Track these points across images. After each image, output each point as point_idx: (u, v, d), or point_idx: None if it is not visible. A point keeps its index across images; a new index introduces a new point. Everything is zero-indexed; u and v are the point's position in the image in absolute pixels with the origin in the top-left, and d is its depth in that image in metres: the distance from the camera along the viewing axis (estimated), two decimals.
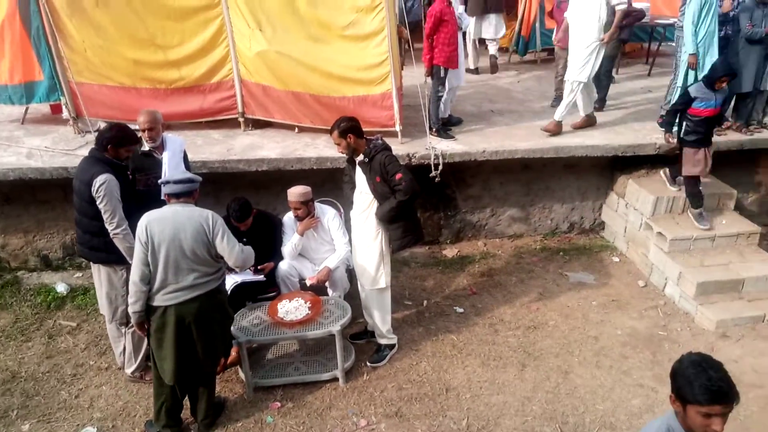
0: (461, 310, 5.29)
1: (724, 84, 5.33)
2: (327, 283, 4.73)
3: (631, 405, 4.25)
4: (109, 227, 3.86)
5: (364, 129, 4.38)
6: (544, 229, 6.63)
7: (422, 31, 6.20)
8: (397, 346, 4.73)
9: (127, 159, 4.07)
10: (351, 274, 4.92)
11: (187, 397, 3.95)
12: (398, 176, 4.05)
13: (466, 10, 7.37)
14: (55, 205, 5.60)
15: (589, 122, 6.42)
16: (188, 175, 3.75)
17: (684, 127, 5.49)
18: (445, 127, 6.27)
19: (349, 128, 4.14)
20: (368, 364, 4.59)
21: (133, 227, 3.70)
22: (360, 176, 4.29)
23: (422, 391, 4.34)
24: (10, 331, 4.97)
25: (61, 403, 4.26)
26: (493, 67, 8.18)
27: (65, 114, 5.97)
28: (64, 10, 5.50)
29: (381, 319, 4.59)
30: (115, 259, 3.99)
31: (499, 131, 6.30)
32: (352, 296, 4.91)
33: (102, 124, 5.68)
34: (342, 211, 5.22)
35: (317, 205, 4.85)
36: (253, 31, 5.60)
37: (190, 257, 3.56)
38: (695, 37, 5.79)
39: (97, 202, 3.83)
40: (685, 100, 5.41)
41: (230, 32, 5.70)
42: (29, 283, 5.57)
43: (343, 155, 4.42)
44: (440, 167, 5.68)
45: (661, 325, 5.13)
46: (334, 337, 4.25)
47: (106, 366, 4.60)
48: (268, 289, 4.78)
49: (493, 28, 8.36)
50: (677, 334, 5.02)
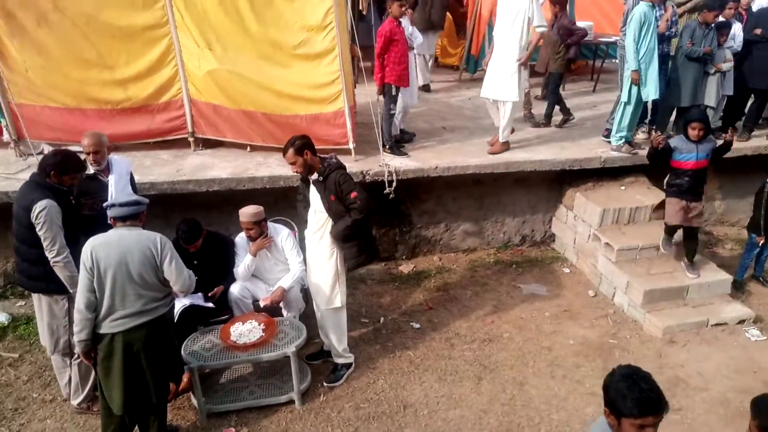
0: (418, 326, 5.31)
1: (697, 131, 5.20)
2: (281, 304, 4.67)
3: (585, 413, 4.33)
4: (49, 255, 3.72)
5: (318, 147, 4.38)
6: (497, 243, 6.74)
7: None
8: (353, 365, 4.70)
9: (71, 186, 3.94)
10: (306, 293, 4.89)
11: (137, 427, 3.83)
12: (353, 195, 4.04)
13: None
14: None
15: (505, 147, 6.34)
16: (134, 197, 3.66)
17: (668, 177, 5.48)
18: (398, 144, 6.33)
19: (304, 145, 4.11)
20: (325, 384, 4.54)
21: (78, 254, 3.58)
22: (314, 195, 4.27)
23: (380, 410, 4.32)
24: None
25: None
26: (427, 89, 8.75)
27: (6, 136, 5.76)
28: (3, 31, 5.33)
29: (337, 339, 4.56)
30: (56, 289, 3.84)
31: (451, 147, 6.41)
32: (308, 316, 4.87)
33: (45, 146, 5.50)
34: (296, 230, 5.19)
35: (270, 224, 4.81)
36: (203, 50, 5.55)
37: (138, 282, 3.47)
38: (636, 54, 6.00)
39: (37, 229, 3.68)
40: (666, 149, 5.29)
41: (178, 51, 5.63)
42: None
43: (297, 174, 4.39)
44: (394, 184, 5.72)
45: (611, 334, 5.26)
46: (289, 359, 4.19)
47: (51, 398, 4.41)
48: (221, 312, 4.69)
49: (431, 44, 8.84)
50: (627, 342, 5.16)
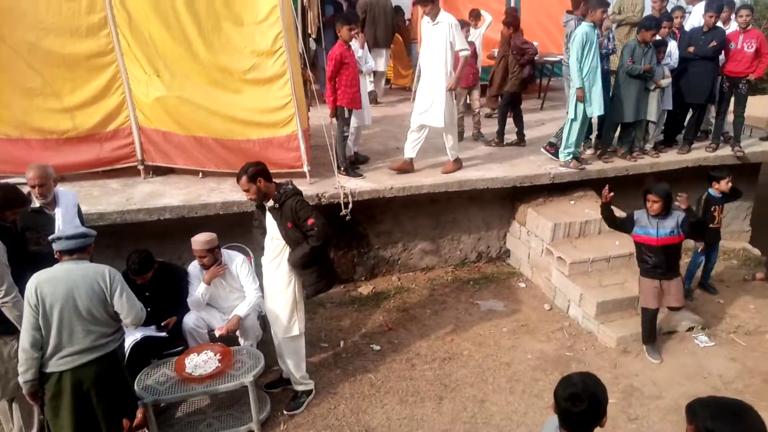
0: (378, 348, 5.29)
1: (651, 204, 4.89)
2: (238, 332, 4.59)
3: None
4: None
5: (272, 171, 4.35)
6: (454, 260, 6.81)
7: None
8: (314, 392, 4.64)
9: (13, 221, 3.80)
10: (263, 320, 4.82)
11: None
12: (310, 221, 4.01)
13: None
14: None
15: (407, 168, 6.32)
16: (81, 229, 3.57)
17: (636, 253, 5.21)
18: (353, 165, 6.36)
19: (257, 172, 4.06)
20: (285, 412, 4.46)
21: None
22: (270, 222, 4.23)
23: None
24: None
25: None
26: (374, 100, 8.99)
27: None
28: None
29: (296, 366, 4.50)
30: (4, 330, 3.69)
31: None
32: (266, 343, 4.80)
33: None
34: (251, 255, 5.13)
35: (224, 251, 4.73)
36: (150, 77, 5.49)
37: (86, 318, 3.37)
38: (580, 73, 6.19)
39: None
40: (627, 218, 5.16)
41: (126, 79, 5.56)
42: None
43: (251, 199, 4.34)
44: (350, 205, 5.73)
45: (567, 346, 5.36)
46: (247, 389, 4.11)
47: None
48: (175, 344, 4.57)
49: (383, 61, 9.14)
50: (583, 354, 5.26)
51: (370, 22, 9.01)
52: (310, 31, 8.98)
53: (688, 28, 7.29)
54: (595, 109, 6.26)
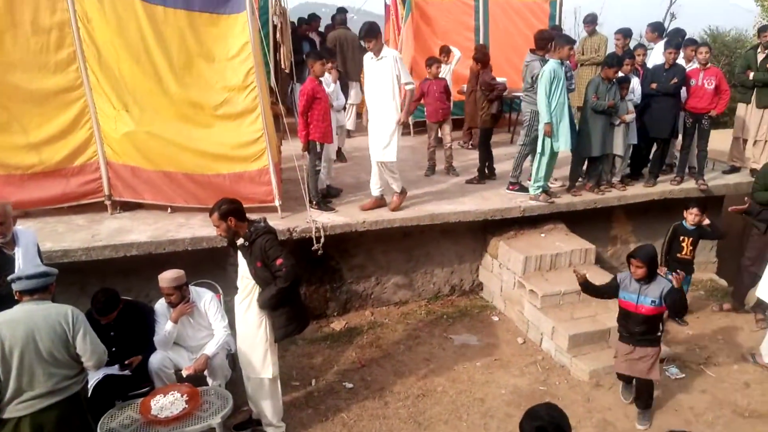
0: (351, 386, 5.20)
1: (634, 269, 4.48)
2: (206, 372, 4.47)
3: None
4: None
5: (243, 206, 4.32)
6: (427, 294, 6.79)
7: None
8: None
9: None
10: (233, 358, 4.72)
11: None
12: (279, 261, 3.93)
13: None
14: None
15: (380, 204, 6.29)
16: (42, 268, 3.48)
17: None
18: (325, 199, 6.35)
19: (229, 211, 4.01)
20: None
21: None
22: (241, 261, 4.17)
23: None
24: None
25: None
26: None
27: None
28: None
29: (269, 409, 4.38)
30: None
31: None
32: (235, 383, 4.69)
33: None
34: (220, 292, 5.05)
35: (192, 288, 4.64)
36: (119, 112, 5.45)
37: (48, 360, 3.27)
38: (549, 108, 6.32)
39: None
40: (611, 284, 4.80)
41: (94, 114, 5.50)
42: None
43: (221, 236, 4.28)
44: (322, 240, 5.70)
45: (541, 380, 5.34)
46: (215, 431, 3.99)
47: None
48: (140, 385, 4.43)
49: (353, 94, 9.26)
50: (556, 388, 5.24)
51: (339, 56, 9.12)
52: (283, 66, 9.03)
53: (650, 65, 7.54)
54: (562, 144, 6.38)
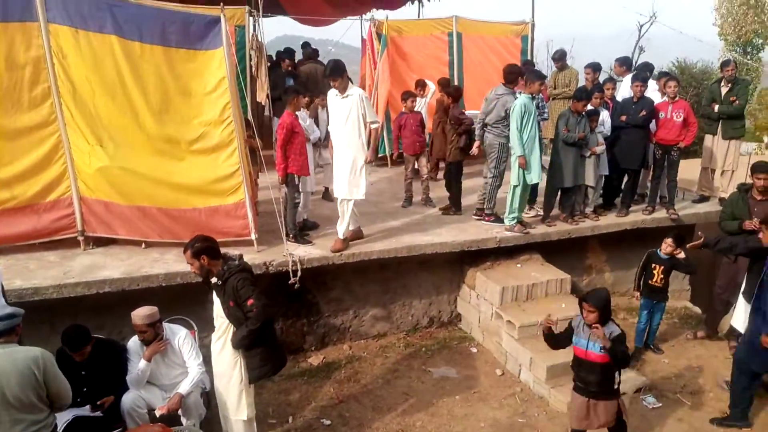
0: (328, 423, 5.12)
1: (586, 313, 4.07)
2: (180, 411, 4.37)
3: None
4: None
5: (219, 240, 4.29)
6: (406, 326, 6.76)
7: None
8: None
9: None
10: (207, 397, 4.63)
11: None
12: (250, 302, 3.89)
13: None
14: None
15: (357, 235, 6.30)
16: (8, 309, 3.40)
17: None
18: (302, 232, 6.33)
19: (202, 249, 3.98)
20: None
21: None
22: (216, 299, 4.14)
23: None
24: None
25: None
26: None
27: None
28: None
29: None
30: None
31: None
32: (210, 421, 4.60)
33: None
34: (195, 329, 4.98)
35: (166, 325, 4.57)
36: (93, 147, 5.41)
37: (15, 405, 3.18)
38: (521, 141, 6.44)
39: None
40: (566, 330, 4.40)
41: (68, 149, 5.45)
42: None
43: (195, 274, 4.24)
44: (299, 273, 5.67)
45: (520, 413, 5.32)
46: None
47: None
48: (112, 426, 4.31)
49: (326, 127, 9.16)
50: (535, 420, 5.23)
51: (312, 89, 9.15)
52: (259, 99, 9.09)
53: (619, 98, 7.75)
54: (534, 176, 6.49)
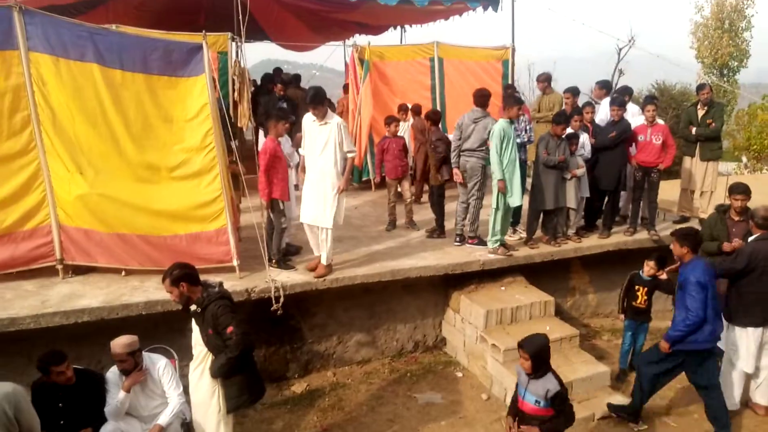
0: None
1: (525, 364, 3.87)
2: None
3: None
4: None
5: (200, 267, 4.25)
6: (391, 351, 6.71)
7: None
8: None
9: None
10: (188, 427, 4.53)
11: None
12: (229, 330, 3.85)
13: None
14: None
15: (328, 270, 6.08)
16: None
17: None
18: (285, 257, 6.30)
19: (182, 276, 3.95)
20: None
21: None
22: (195, 327, 4.09)
23: None
24: None
25: None
26: None
27: None
28: None
29: None
30: None
31: (339, 257, 6.45)
32: None
33: None
34: (176, 357, 4.90)
35: (146, 354, 4.49)
36: (73, 174, 5.37)
37: None
38: (501, 165, 6.51)
39: None
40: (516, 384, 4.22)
41: (47, 176, 5.40)
42: None
43: (175, 302, 4.19)
44: (281, 299, 5.62)
45: None
46: None
47: None
48: None
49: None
50: None
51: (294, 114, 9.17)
52: (241, 124, 9.11)
53: (598, 120, 7.89)
54: (516, 199, 6.54)
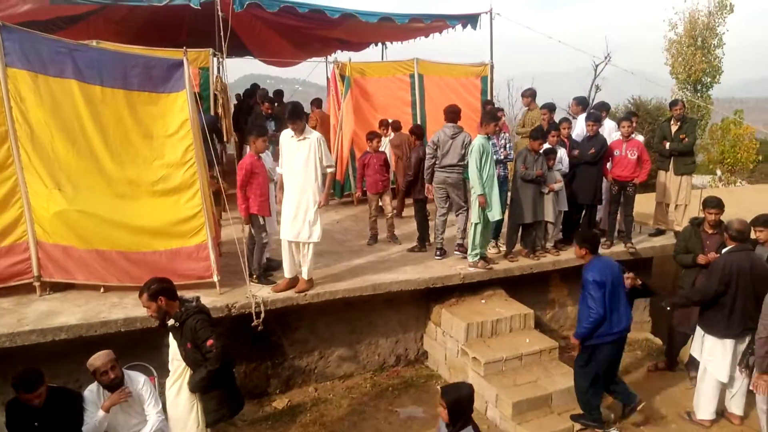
0: None
1: (443, 413, 3.73)
2: None
3: None
4: None
5: (180, 282, 4.25)
6: (372, 365, 6.71)
7: None
8: None
9: None
10: None
11: None
12: (209, 343, 3.86)
13: None
14: None
15: (292, 284, 6.03)
16: None
17: None
18: (266, 272, 6.29)
19: (159, 290, 3.95)
20: None
21: None
22: (172, 342, 4.08)
23: None
24: None
25: None
26: None
27: None
28: None
29: None
30: None
31: (320, 272, 6.45)
32: None
33: None
34: (155, 375, 4.85)
35: (126, 372, 4.44)
36: (51, 191, 5.33)
37: None
38: (481, 180, 6.58)
39: None
40: None
41: (24, 193, 5.36)
42: None
43: (152, 317, 4.17)
44: (262, 315, 5.61)
45: None
46: None
47: None
48: None
49: None
50: None
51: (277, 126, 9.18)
52: (225, 140, 9.14)
53: (574, 135, 8.03)
54: (495, 213, 6.62)
